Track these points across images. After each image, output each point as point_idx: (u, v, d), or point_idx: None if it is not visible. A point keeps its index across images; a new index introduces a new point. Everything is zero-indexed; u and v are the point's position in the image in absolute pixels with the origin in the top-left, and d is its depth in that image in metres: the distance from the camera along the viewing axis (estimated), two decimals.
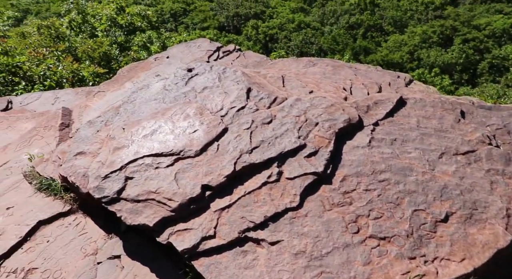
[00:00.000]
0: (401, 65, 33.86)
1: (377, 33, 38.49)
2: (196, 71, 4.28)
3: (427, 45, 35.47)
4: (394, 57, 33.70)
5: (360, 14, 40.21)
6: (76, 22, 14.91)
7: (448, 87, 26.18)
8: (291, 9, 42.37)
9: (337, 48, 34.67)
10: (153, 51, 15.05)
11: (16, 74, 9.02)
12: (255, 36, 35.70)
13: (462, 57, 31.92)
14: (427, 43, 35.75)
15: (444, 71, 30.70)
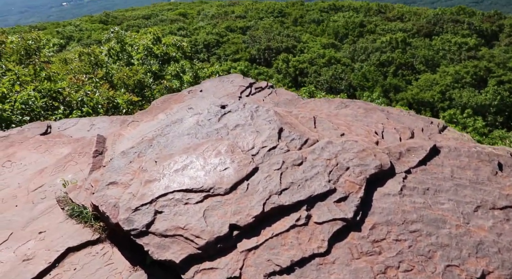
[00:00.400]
0: (432, 104, 33.44)
1: (408, 71, 38.36)
2: (229, 108, 4.37)
3: (459, 85, 35.02)
4: (425, 96, 33.36)
5: (391, 52, 40.32)
6: (114, 50, 15.56)
7: (482, 129, 25.58)
8: (322, 44, 42.93)
9: (367, 84, 34.67)
10: (185, 81, 15.46)
11: (57, 99, 9.42)
12: (285, 69, 36.20)
13: (496, 99, 31.29)
14: (460, 83, 35.31)
15: (477, 112, 30.09)
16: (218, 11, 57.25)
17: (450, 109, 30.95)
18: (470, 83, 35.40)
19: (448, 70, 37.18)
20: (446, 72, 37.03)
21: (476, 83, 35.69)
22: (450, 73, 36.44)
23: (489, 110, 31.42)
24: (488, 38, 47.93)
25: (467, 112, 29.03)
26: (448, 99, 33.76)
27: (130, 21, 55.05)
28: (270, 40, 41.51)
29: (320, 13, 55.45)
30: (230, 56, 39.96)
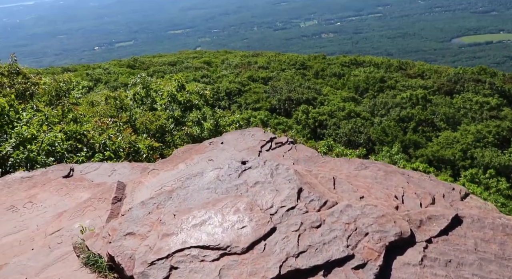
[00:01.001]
0: (453, 162, 32.91)
1: (428, 128, 38.20)
2: (250, 164, 4.43)
3: (481, 144, 34.56)
4: (446, 153, 32.94)
5: (411, 108, 40.45)
6: (139, 95, 16.10)
7: (505, 191, 24.86)
8: (342, 98, 43.45)
9: (386, 139, 34.56)
10: (205, 128, 15.74)
11: (81, 140, 9.69)
12: (305, 120, 36.53)
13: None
14: (482, 143, 34.86)
15: (500, 173, 29.40)
16: (242, 61, 59.01)
17: (472, 168, 30.34)
18: (493, 143, 34.92)
19: (469, 129, 36.89)
20: (468, 131, 36.72)
21: (499, 143, 35.18)
22: (471, 131, 36.13)
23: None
24: (510, 99, 47.78)
25: (489, 172, 28.39)
26: (470, 158, 33.22)
27: (157, 66, 57.10)
28: (291, 91, 42.28)
29: (341, 67, 56.57)
30: (251, 105, 40.67)
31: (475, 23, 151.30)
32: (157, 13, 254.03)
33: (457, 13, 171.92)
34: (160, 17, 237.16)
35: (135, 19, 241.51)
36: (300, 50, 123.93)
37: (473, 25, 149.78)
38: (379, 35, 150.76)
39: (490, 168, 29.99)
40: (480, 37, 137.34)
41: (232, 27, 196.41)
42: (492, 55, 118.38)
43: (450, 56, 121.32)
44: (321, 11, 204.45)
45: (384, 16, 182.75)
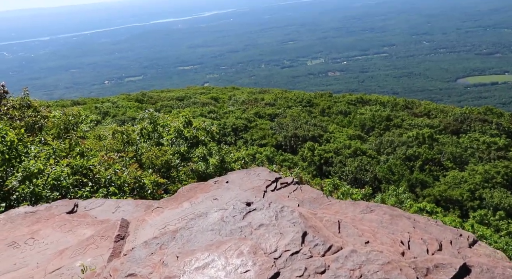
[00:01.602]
0: (461, 203, 32.41)
1: (435, 167, 37.92)
2: (255, 206, 4.40)
3: (490, 185, 34.14)
4: (454, 193, 32.51)
5: (418, 146, 40.36)
6: (146, 130, 16.26)
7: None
8: (348, 135, 43.57)
9: (392, 178, 34.29)
10: (211, 164, 15.76)
11: (87, 175, 9.72)
12: (310, 157, 36.49)
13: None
14: (490, 183, 34.44)
15: (510, 215, 28.85)
16: (249, 98, 59.80)
17: (481, 210, 29.83)
18: (502, 184, 34.48)
19: (477, 169, 36.56)
20: (475, 171, 36.38)
21: (508, 184, 34.72)
22: (479, 171, 35.78)
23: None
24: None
25: (499, 214, 27.86)
26: (478, 199, 32.73)
27: (164, 101, 57.98)
28: (297, 128, 42.51)
29: (348, 105, 57.07)
30: (257, 141, 40.83)
31: (479, 64, 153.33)
32: (166, 49, 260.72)
33: (461, 54, 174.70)
34: (170, 54, 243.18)
35: (145, 55, 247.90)
36: (307, 88, 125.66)
37: (478, 66, 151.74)
38: (385, 74, 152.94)
39: (500, 210, 29.49)
40: (485, 78, 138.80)
41: (239, 64, 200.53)
42: (498, 95, 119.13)
43: (456, 96, 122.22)
44: (328, 50, 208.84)
45: (390, 56, 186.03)
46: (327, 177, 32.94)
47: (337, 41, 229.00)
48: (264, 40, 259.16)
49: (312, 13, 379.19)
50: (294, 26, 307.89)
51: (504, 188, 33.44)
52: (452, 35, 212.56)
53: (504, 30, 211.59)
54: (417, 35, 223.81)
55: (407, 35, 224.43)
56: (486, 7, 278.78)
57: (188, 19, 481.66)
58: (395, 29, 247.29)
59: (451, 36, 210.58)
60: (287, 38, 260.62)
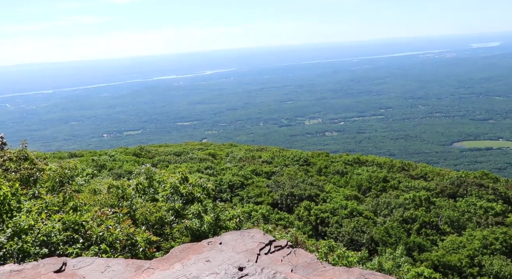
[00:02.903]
0: (460, 269, 31.54)
1: (432, 231, 37.35)
2: (247, 271, 4.31)
3: (488, 251, 33.45)
4: (452, 259, 31.73)
5: (414, 209, 40.04)
6: (142, 185, 16.20)
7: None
8: (345, 195, 43.34)
9: (389, 240, 33.64)
10: (205, 221, 15.57)
11: (78, 231, 9.54)
12: (306, 217, 36.00)
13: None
14: (489, 250, 33.76)
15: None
16: (246, 155, 60.14)
17: (481, 277, 29.01)
18: (501, 251, 33.81)
19: (475, 234, 36.00)
20: (473, 236, 35.80)
21: (507, 251, 34.03)
22: (477, 237, 35.19)
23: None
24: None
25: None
26: (477, 266, 31.91)
27: (162, 156, 58.15)
28: (294, 186, 42.37)
29: (345, 165, 57.25)
30: (253, 198, 40.47)
31: (474, 129, 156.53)
32: (166, 105, 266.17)
33: (456, 119, 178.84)
34: (169, 109, 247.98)
35: (145, 110, 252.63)
36: (304, 147, 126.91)
37: (473, 131, 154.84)
38: (381, 135, 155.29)
39: (500, 278, 28.70)
40: (480, 143, 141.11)
41: (238, 121, 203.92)
42: (493, 160, 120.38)
43: (452, 160, 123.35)
44: (326, 110, 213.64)
45: (386, 118, 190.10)
46: (323, 238, 32.31)
47: (334, 102, 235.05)
48: (263, 99, 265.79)
49: (310, 75, 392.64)
50: (293, 87, 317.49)
51: (503, 255, 32.78)
52: (447, 100, 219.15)
53: (496, 97, 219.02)
54: (413, 99, 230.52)
55: (403, 99, 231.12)
56: (478, 76, 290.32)
57: (189, 77, 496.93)
58: (391, 92, 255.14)
59: (445, 101, 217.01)
60: (286, 97, 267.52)
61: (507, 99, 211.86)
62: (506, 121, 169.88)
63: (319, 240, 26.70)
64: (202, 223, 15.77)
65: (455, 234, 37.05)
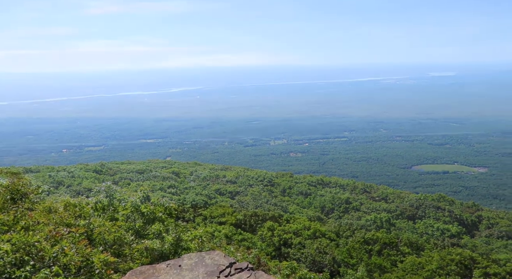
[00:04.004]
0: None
1: (393, 252, 38.04)
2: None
3: (445, 272, 34.34)
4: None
5: (376, 230, 40.75)
6: (101, 204, 15.63)
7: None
8: (308, 216, 43.61)
9: (351, 261, 33.92)
10: (167, 241, 15.13)
11: (30, 252, 8.98)
12: (269, 238, 35.83)
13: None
14: (445, 270, 34.68)
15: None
16: (210, 174, 59.63)
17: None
18: (456, 271, 34.79)
19: (433, 255, 36.95)
20: (431, 257, 36.73)
21: (461, 272, 35.05)
22: (435, 258, 36.14)
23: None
24: (468, 227, 49.13)
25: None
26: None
27: (124, 173, 56.73)
28: (258, 207, 42.25)
29: (308, 186, 57.81)
30: (216, 218, 39.97)
31: (432, 154, 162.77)
32: (131, 121, 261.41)
33: (415, 143, 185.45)
34: (133, 126, 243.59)
35: (108, 125, 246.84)
36: (269, 167, 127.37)
37: (430, 155, 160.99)
38: (345, 157, 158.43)
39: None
40: (438, 166, 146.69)
41: (203, 140, 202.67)
42: (449, 184, 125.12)
43: (411, 182, 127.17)
44: (291, 131, 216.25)
45: (350, 140, 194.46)
46: (286, 259, 32.15)
47: (300, 123, 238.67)
48: (229, 118, 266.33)
49: (277, 96, 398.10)
50: (259, 107, 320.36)
51: (458, 276, 33.72)
52: (407, 125, 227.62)
53: (452, 124, 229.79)
54: (375, 122, 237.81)
55: (366, 123, 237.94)
56: (436, 103, 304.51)
57: (155, 93, 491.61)
58: (354, 116, 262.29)
59: (405, 126, 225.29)
60: (252, 117, 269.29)
61: (462, 125, 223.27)
62: (460, 146, 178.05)
63: (282, 261, 26.52)
64: (163, 244, 15.32)
65: (414, 255, 37.88)
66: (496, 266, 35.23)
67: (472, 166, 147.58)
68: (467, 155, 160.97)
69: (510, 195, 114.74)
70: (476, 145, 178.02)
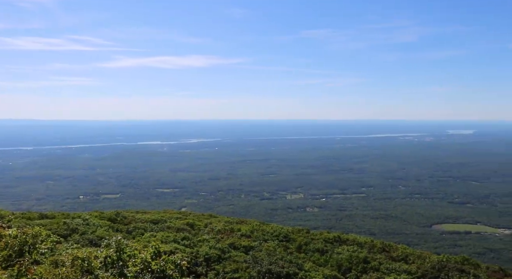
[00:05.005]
0: None
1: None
2: None
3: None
4: None
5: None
6: (111, 258, 15.02)
7: None
8: (325, 275, 41.51)
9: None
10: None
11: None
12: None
13: None
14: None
15: None
16: (225, 227, 58.30)
17: None
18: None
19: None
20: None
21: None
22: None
23: None
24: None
25: None
26: None
27: (138, 223, 55.92)
28: (272, 263, 40.56)
29: (325, 244, 55.70)
30: (229, 274, 38.41)
31: (453, 213, 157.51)
32: (148, 170, 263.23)
33: (435, 201, 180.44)
34: (151, 175, 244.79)
35: (125, 173, 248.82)
36: (285, 222, 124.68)
37: (451, 214, 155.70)
38: (362, 214, 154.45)
39: None
40: (460, 226, 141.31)
41: (219, 192, 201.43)
42: (472, 245, 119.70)
43: (432, 242, 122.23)
44: (308, 186, 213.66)
45: (368, 197, 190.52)
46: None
47: (316, 178, 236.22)
48: (246, 170, 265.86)
49: (293, 150, 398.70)
50: (275, 160, 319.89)
51: None
52: (426, 183, 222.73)
53: (472, 182, 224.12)
54: (393, 179, 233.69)
55: (384, 179, 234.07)
56: (454, 161, 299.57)
57: (174, 144, 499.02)
58: (372, 172, 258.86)
59: (424, 183, 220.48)
60: (268, 171, 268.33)
61: (482, 184, 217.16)
62: (483, 206, 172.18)
63: None
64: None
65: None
66: None
67: (496, 226, 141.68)
68: (490, 215, 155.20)
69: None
70: (500, 205, 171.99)
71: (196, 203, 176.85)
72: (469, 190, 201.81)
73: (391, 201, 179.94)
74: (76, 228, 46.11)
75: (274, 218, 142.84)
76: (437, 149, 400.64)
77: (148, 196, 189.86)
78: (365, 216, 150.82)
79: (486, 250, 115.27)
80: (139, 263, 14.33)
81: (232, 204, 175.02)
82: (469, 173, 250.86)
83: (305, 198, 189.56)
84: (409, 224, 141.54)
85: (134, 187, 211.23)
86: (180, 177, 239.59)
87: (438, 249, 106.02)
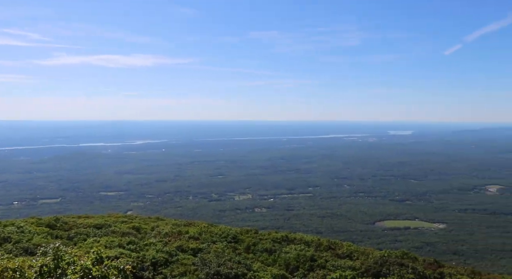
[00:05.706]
0: None
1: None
2: None
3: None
4: None
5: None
6: (47, 267, 14.15)
7: None
8: (273, 275, 41.88)
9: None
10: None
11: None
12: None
13: None
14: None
15: None
16: (172, 230, 57.19)
17: None
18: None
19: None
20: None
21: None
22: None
23: None
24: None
25: None
26: None
27: (80, 228, 53.46)
28: (221, 265, 40.31)
29: (273, 243, 56.26)
30: (177, 277, 37.65)
31: (394, 210, 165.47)
32: (91, 173, 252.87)
33: (377, 199, 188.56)
34: (94, 178, 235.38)
35: (67, 177, 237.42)
36: (233, 223, 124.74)
37: (392, 211, 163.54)
38: (309, 213, 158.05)
39: None
40: (400, 222, 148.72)
41: (167, 194, 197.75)
42: (411, 239, 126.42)
43: (375, 238, 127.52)
44: (256, 187, 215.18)
45: (314, 196, 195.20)
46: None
47: (264, 178, 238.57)
48: (194, 172, 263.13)
49: (241, 151, 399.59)
50: (224, 162, 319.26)
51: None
52: (369, 181, 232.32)
53: (411, 180, 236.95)
54: (338, 178, 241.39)
55: (329, 178, 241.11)
56: (395, 160, 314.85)
57: (118, 145, 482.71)
58: (318, 172, 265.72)
59: (368, 182, 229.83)
60: (217, 172, 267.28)
61: (420, 182, 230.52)
62: (420, 202, 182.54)
63: None
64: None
65: None
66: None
67: (432, 222, 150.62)
68: (426, 211, 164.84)
69: (468, 251, 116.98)
70: (435, 202, 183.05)
71: (143, 206, 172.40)
72: (408, 188, 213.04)
73: (337, 200, 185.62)
74: (9, 236, 43.10)
75: (222, 219, 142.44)
76: (379, 149, 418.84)
77: (92, 200, 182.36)
78: (312, 215, 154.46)
79: (423, 244, 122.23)
80: (79, 270, 13.62)
81: (180, 206, 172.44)
82: (409, 171, 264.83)
83: (253, 199, 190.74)
84: (354, 222, 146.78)
85: (76, 190, 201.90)
86: (126, 179, 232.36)
87: (381, 245, 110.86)
